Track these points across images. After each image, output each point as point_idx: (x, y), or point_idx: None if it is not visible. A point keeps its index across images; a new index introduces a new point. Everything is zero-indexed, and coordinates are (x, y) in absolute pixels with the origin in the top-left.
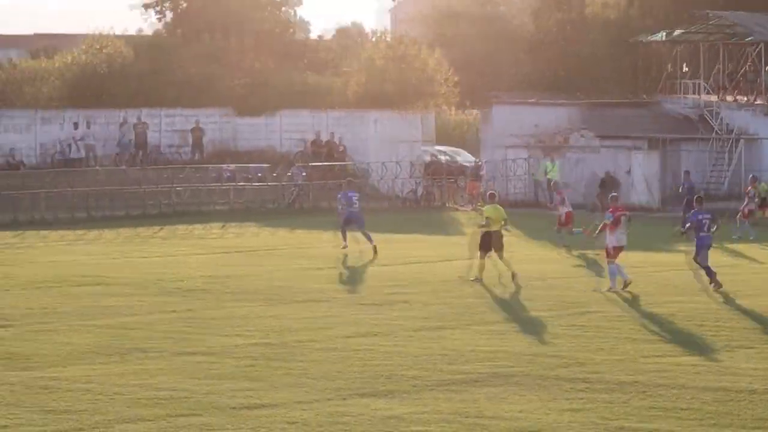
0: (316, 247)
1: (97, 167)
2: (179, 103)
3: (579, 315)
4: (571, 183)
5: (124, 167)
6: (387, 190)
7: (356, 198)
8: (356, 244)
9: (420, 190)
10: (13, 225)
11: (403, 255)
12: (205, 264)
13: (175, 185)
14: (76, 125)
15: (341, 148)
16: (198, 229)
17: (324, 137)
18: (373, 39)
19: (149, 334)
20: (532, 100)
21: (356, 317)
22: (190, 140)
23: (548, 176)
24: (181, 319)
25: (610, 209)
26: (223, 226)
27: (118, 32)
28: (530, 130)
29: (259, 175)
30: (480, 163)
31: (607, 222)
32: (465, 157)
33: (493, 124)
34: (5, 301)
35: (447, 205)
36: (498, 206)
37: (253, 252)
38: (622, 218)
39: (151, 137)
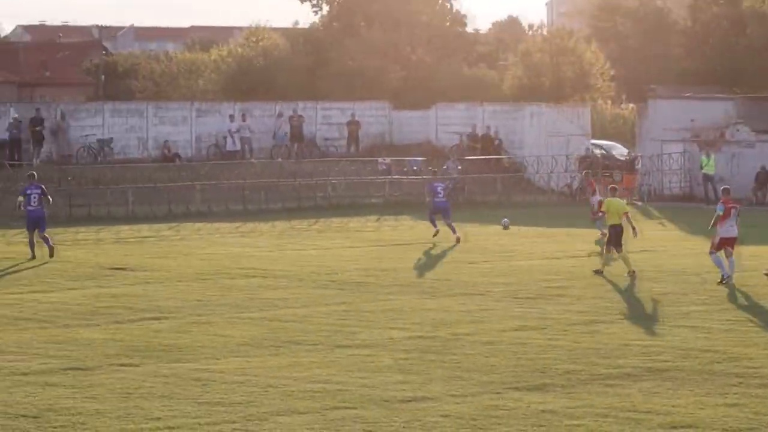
0: (470, 241)
1: (253, 160)
2: (335, 95)
3: (733, 309)
4: (726, 177)
5: (279, 160)
6: (543, 183)
7: (441, 188)
8: (521, 238)
9: (575, 184)
10: (168, 217)
11: (557, 249)
12: (360, 257)
13: (330, 178)
14: (231, 118)
15: (497, 142)
16: (353, 222)
17: (480, 131)
18: (530, 33)
19: (304, 327)
20: (688, 95)
21: (510, 311)
22: (346, 133)
23: (704, 171)
24: (335, 312)
25: (722, 201)
26: (378, 219)
27: (274, 25)
28: (686, 124)
29: (415, 168)
30: (635, 156)
31: (720, 214)
32: (620, 151)
33: (648, 118)
34: (161, 293)
35: (602, 199)
36: (619, 200)
37: (408, 245)
38: (732, 211)
39: (307, 130)
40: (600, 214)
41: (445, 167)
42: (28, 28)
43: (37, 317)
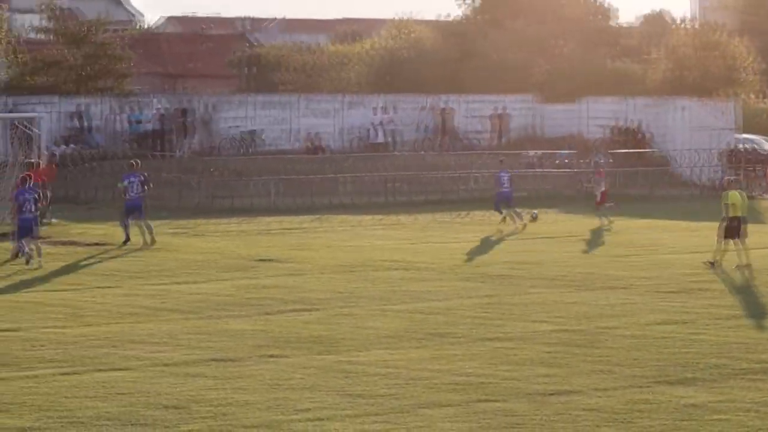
0: (618, 234)
1: (398, 152)
2: (483, 88)
3: None
4: None
5: (423, 152)
6: (688, 177)
7: (507, 178)
8: (665, 232)
9: (721, 178)
10: (311, 209)
11: (701, 243)
12: (505, 249)
13: (474, 171)
14: (378, 110)
15: (639, 136)
16: (497, 215)
17: (626, 124)
18: (676, 26)
19: (448, 319)
20: None
21: (654, 304)
22: (494, 126)
23: None
24: (480, 304)
25: None
26: (523, 213)
27: (421, 18)
28: None
29: (566, 161)
30: None
31: None
32: (764, 146)
33: None
34: (307, 285)
35: (753, 194)
36: (741, 193)
37: (553, 239)
38: None
39: (452, 123)
40: (607, 204)
41: (596, 160)
42: (172, 20)
43: (180, 308)
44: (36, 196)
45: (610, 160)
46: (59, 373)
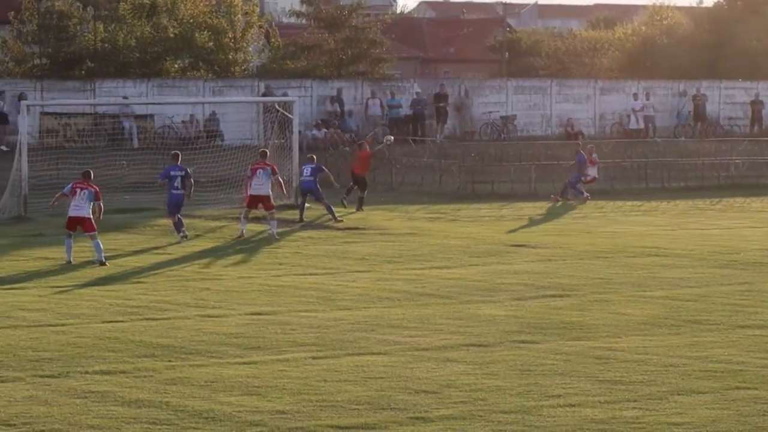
0: None
1: (656, 138)
2: (738, 75)
3: None
4: None
5: (682, 139)
6: None
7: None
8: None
9: None
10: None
11: None
12: (763, 237)
13: (733, 158)
14: (635, 96)
15: None
16: (755, 202)
17: None
18: None
19: (704, 306)
20: None
21: None
22: (749, 113)
23: None
24: (736, 291)
25: None
26: None
27: (677, 4)
28: None
29: None
30: None
31: None
32: None
33: None
34: (563, 270)
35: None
36: None
37: None
38: None
39: (709, 109)
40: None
41: None
42: (431, 5)
43: (438, 293)
44: (183, 173)
45: None
46: (313, 356)
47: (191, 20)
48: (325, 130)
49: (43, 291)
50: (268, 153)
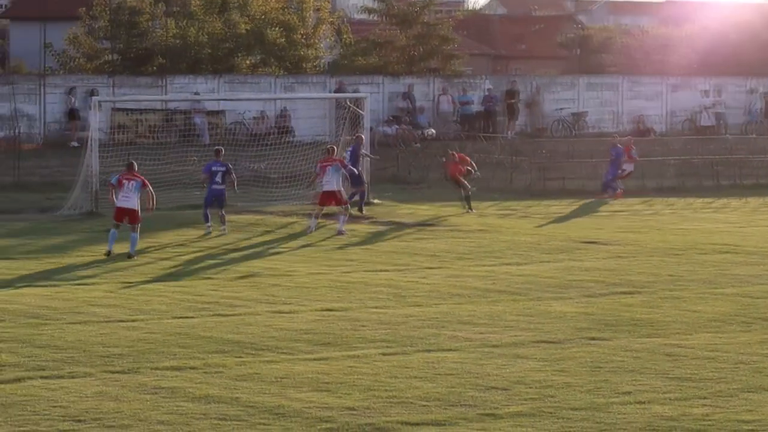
0: None
1: (727, 135)
2: None
3: None
4: None
5: (753, 135)
6: None
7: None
8: None
9: None
10: (641, 192)
11: None
12: None
13: None
14: (705, 93)
15: None
16: None
17: None
18: None
19: None
20: None
21: None
22: None
23: None
24: None
25: None
26: None
27: (747, 0)
28: None
29: None
30: None
31: None
32: None
33: None
34: (633, 267)
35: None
36: None
37: None
38: None
39: None
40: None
41: None
42: (502, 1)
43: (509, 289)
44: (225, 169)
45: None
46: (383, 353)
47: (263, 16)
48: (396, 126)
49: (114, 287)
50: (336, 149)
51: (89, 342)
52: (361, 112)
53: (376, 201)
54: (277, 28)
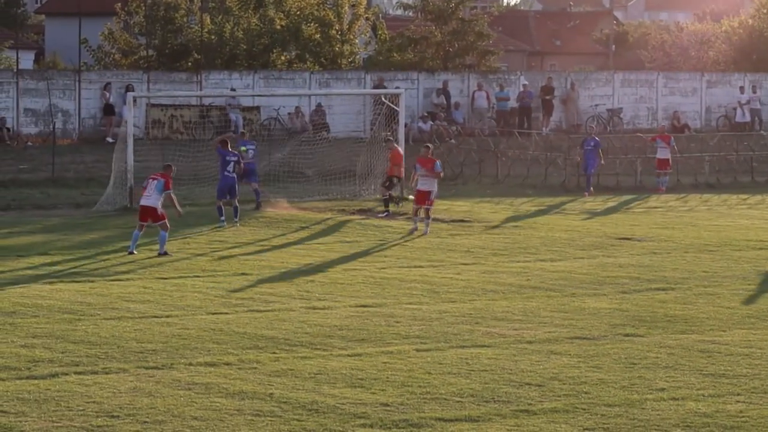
0: None
1: (762, 132)
2: None
3: None
4: None
5: None
6: None
7: None
8: None
9: None
10: (676, 188)
11: None
12: None
13: None
14: (742, 89)
15: None
16: None
17: None
18: None
19: None
20: None
21: None
22: None
23: None
24: None
25: None
26: None
27: None
28: None
29: None
30: None
31: None
32: None
33: None
34: (667, 264)
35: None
36: None
37: None
38: None
39: None
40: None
41: None
42: None
43: (544, 285)
44: (236, 159)
45: None
46: (418, 349)
47: (298, 12)
48: (431, 122)
49: (148, 282)
50: (431, 147)
51: (124, 338)
52: (396, 107)
53: (410, 197)
54: (313, 24)
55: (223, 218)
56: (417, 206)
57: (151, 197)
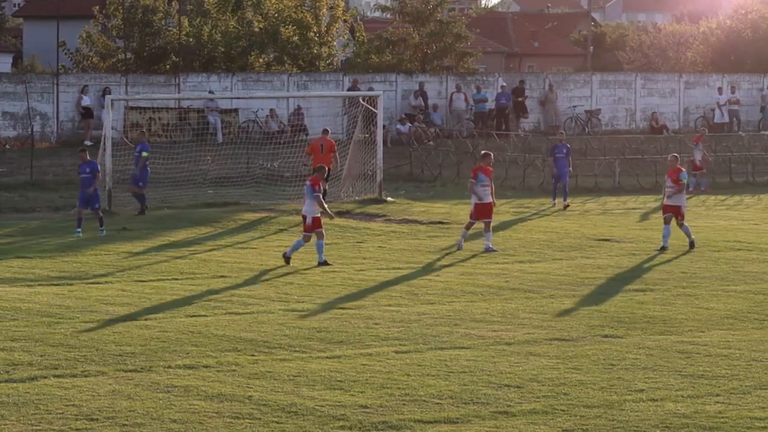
0: None
1: (741, 132)
2: None
3: None
4: None
5: (766, 133)
6: None
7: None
8: None
9: None
10: (655, 189)
11: None
12: None
13: None
14: (720, 90)
15: None
16: None
17: None
18: None
19: None
20: None
21: None
22: None
23: None
24: None
25: None
26: None
27: None
28: None
29: None
30: None
31: None
32: None
33: None
34: (645, 265)
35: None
36: None
37: None
38: None
39: None
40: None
41: None
42: None
43: (522, 287)
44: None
45: None
46: (396, 351)
47: (276, 15)
48: (410, 124)
49: (127, 285)
50: (492, 155)
51: (102, 340)
52: (374, 110)
53: (389, 199)
54: (291, 27)
55: (79, 229)
56: (473, 221)
57: (305, 204)
